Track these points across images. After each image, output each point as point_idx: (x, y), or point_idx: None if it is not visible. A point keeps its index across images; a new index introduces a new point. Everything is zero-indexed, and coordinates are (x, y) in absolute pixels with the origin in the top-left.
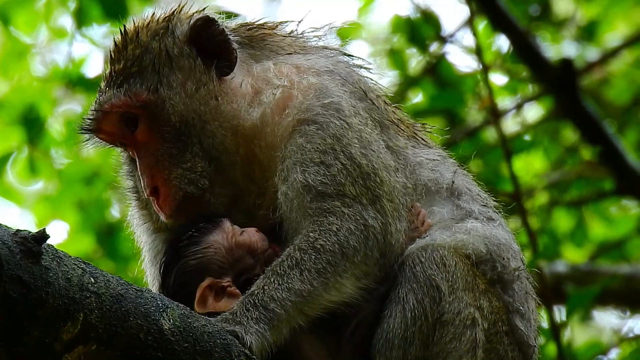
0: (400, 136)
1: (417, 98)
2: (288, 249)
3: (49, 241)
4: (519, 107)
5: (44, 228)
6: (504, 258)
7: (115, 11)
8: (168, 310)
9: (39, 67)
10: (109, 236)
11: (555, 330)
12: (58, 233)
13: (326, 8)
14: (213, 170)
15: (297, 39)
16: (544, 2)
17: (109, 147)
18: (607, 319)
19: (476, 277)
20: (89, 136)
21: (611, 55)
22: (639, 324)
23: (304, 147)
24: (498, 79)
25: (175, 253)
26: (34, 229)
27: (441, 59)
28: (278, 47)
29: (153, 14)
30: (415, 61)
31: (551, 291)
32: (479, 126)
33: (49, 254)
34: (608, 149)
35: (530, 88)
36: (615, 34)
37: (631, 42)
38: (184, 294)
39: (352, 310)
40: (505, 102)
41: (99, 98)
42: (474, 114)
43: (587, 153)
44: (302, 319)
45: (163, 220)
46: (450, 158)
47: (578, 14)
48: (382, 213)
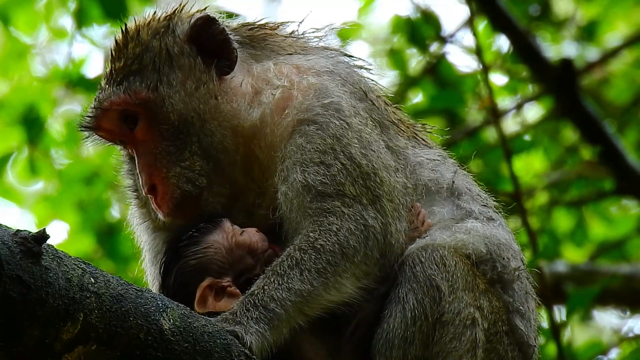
0: (400, 136)
1: (417, 98)
2: (288, 249)
3: (49, 241)
4: (519, 107)
5: (44, 228)
6: (504, 258)
7: (115, 11)
8: (168, 310)
9: (39, 67)
10: (109, 236)
11: (555, 330)
12: (58, 233)
13: (326, 8)
14: (211, 169)
15: (298, 40)
16: (544, 2)
17: (109, 145)
18: (607, 319)
19: (476, 277)
20: (89, 133)
21: (611, 55)
22: (639, 324)
23: (304, 147)
24: (498, 79)
25: (175, 253)
26: (34, 229)
27: (441, 59)
28: (279, 48)
29: (154, 13)
30: (415, 61)
31: (551, 291)
32: (479, 126)
33: (49, 254)
34: (608, 149)
35: (530, 88)
36: (615, 34)
37: (631, 42)
38: (184, 294)
39: (352, 310)
40: (505, 102)
41: (99, 95)
42: (474, 114)
43: (587, 153)
44: (302, 319)
45: (161, 218)
46: (450, 158)
47: (578, 14)
48: (382, 213)
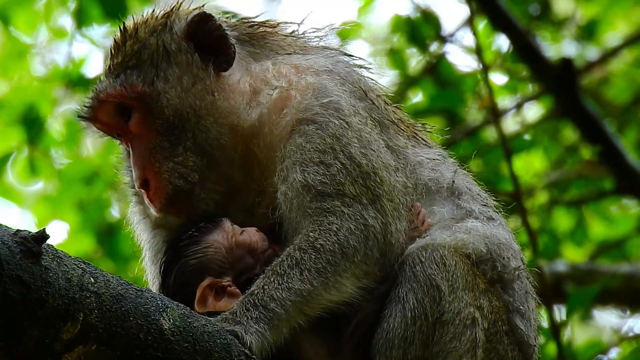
0: (400, 136)
1: (417, 98)
2: (288, 249)
3: (49, 241)
4: (519, 107)
5: (44, 228)
6: (504, 257)
7: (115, 11)
8: (168, 310)
9: (39, 67)
10: (109, 236)
11: (555, 329)
12: (58, 233)
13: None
14: (205, 165)
15: (298, 39)
16: (544, 2)
17: (107, 138)
18: (607, 319)
19: (476, 277)
20: (87, 125)
21: (611, 54)
22: (639, 323)
23: (304, 147)
24: (498, 79)
25: (175, 253)
26: (34, 229)
27: (441, 59)
28: (278, 47)
29: (153, 12)
30: (415, 61)
31: (551, 290)
32: (479, 126)
33: (49, 254)
34: (608, 149)
35: (530, 87)
36: (615, 34)
37: (631, 42)
38: (184, 294)
39: (352, 309)
40: (505, 102)
41: (96, 87)
42: (474, 114)
43: (587, 152)
44: (302, 319)
45: (154, 214)
46: (450, 158)
47: (578, 14)
48: (382, 212)
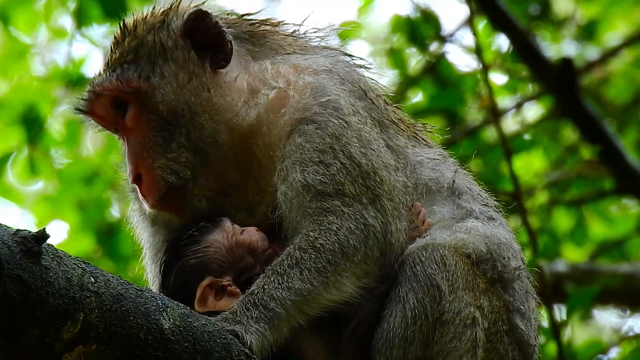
0: (400, 135)
1: (417, 98)
2: (288, 248)
3: (49, 241)
4: (519, 107)
5: (44, 228)
6: (505, 257)
7: (115, 11)
8: (168, 309)
9: (39, 67)
10: (109, 236)
11: (555, 329)
12: (58, 233)
13: (326, 7)
14: (198, 162)
15: (298, 39)
16: (544, 2)
17: (107, 134)
18: (607, 318)
19: (476, 277)
20: (84, 118)
21: (611, 54)
22: (639, 323)
23: (303, 147)
24: (498, 79)
25: (175, 252)
26: (34, 229)
27: (441, 59)
28: (278, 46)
29: (153, 9)
30: (415, 61)
31: (551, 290)
32: (479, 126)
33: (49, 254)
34: (608, 149)
35: (530, 87)
36: (615, 34)
37: (631, 42)
38: (185, 293)
39: (352, 309)
40: (505, 102)
41: (93, 81)
42: (474, 114)
43: (587, 152)
44: (302, 318)
45: (147, 209)
46: (450, 157)
47: (578, 13)
48: (382, 212)
